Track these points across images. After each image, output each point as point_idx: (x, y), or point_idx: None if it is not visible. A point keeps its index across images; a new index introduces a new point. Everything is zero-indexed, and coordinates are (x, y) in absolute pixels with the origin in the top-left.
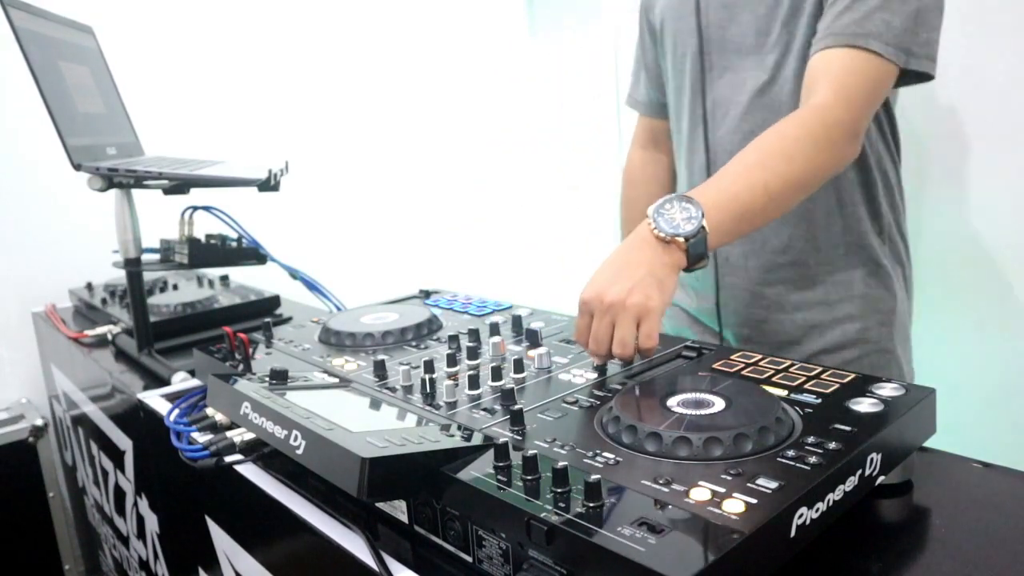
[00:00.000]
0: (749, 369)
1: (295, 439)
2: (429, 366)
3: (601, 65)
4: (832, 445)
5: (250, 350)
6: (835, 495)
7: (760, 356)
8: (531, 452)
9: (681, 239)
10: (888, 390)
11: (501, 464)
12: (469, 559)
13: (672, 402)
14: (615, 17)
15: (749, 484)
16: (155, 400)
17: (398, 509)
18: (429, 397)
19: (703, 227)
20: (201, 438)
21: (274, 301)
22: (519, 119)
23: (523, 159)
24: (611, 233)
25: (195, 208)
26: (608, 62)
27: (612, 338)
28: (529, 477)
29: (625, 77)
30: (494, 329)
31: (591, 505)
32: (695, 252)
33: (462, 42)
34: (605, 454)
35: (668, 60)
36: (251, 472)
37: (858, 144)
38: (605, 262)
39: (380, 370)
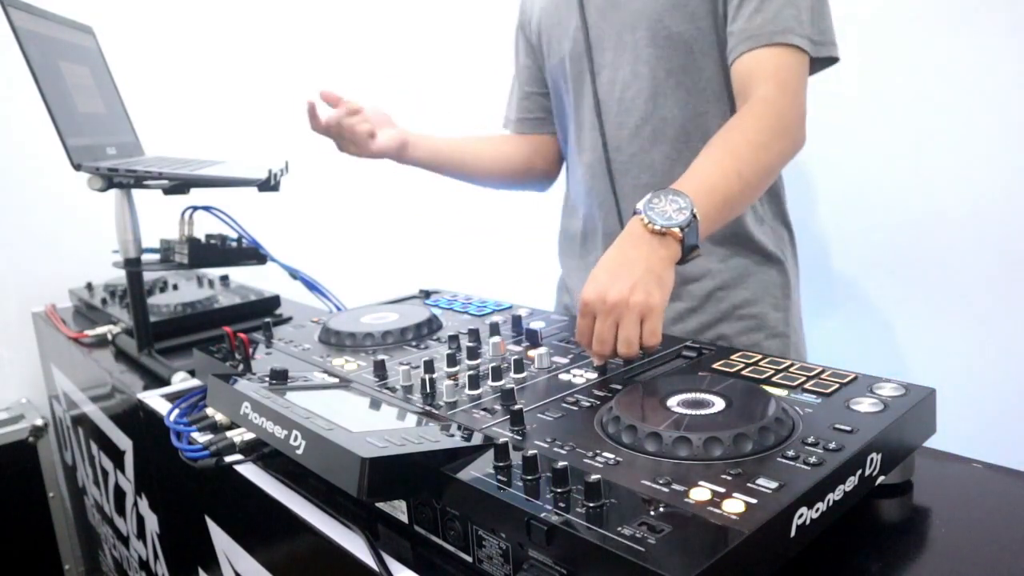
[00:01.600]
0: (749, 369)
1: (295, 439)
2: (429, 366)
3: None
4: (832, 445)
5: (250, 350)
6: (835, 495)
7: (760, 356)
8: (531, 452)
9: (676, 229)
10: (888, 390)
11: (501, 464)
12: (469, 559)
13: (672, 402)
14: None
15: (749, 484)
16: (155, 400)
17: (398, 509)
18: (429, 397)
19: (695, 216)
20: (201, 438)
21: (274, 301)
22: None
23: None
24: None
25: (195, 208)
26: None
27: (616, 338)
28: (529, 477)
29: None
30: (494, 329)
31: (591, 505)
32: (689, 242)
33: (462, 42)
34: (605, 454)
35: (551, 64)
36: (251, 472)
37: (804, 129)
38: (602, 261)
39: (380, 370)
